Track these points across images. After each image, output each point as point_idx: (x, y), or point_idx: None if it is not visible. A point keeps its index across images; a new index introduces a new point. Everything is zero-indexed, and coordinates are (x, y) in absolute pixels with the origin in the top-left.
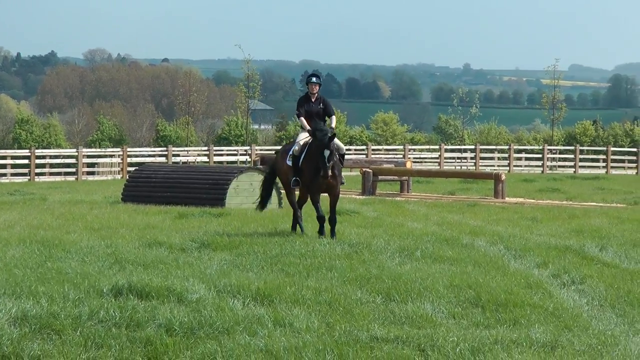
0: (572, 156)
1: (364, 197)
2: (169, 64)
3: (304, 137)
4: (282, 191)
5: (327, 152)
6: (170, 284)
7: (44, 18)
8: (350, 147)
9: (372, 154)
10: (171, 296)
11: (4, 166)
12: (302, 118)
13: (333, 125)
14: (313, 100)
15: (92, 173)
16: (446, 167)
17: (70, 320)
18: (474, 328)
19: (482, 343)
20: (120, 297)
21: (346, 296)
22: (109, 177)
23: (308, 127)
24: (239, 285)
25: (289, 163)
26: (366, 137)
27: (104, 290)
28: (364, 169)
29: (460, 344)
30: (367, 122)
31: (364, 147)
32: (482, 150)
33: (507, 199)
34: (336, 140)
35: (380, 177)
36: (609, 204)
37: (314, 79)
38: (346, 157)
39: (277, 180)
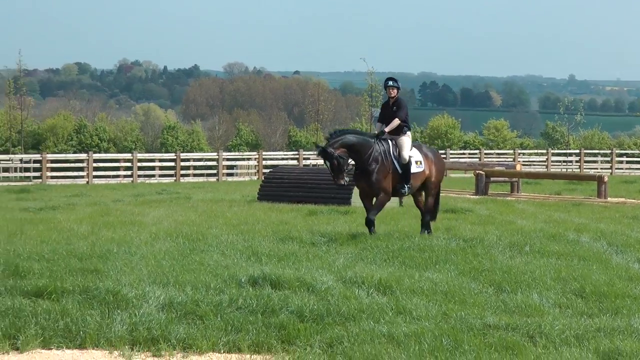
0: None
1: (477, 196)
2: (299, 76)
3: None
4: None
5: (327, 163)
6: (301, 275)
7: (188, 34)
8: (465, 152)
9: (485, 157)
10: (302, 286)
11: (152, 168)
12: (378, 123)
13: (386, 128)
14: (391, 103)
15: (231, 174)
16: (553, 170)
17: (212, 307)
18: (578, 317)
19: (586, 330)
20: (257, 287)
21: (461, 287)
22: (246, 178)
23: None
24: (363, 276)
25: None
26: (479, 142)
27: (242, 280)
28: (477, 171)
29: (565, 331)
30: (480, 129)
31: (476, 151)
32: (586, 154)
33: (609, 198)
34: (404, 151)
35: (492, 179)
36: None
37: (390, 82)
38: (461, 160)
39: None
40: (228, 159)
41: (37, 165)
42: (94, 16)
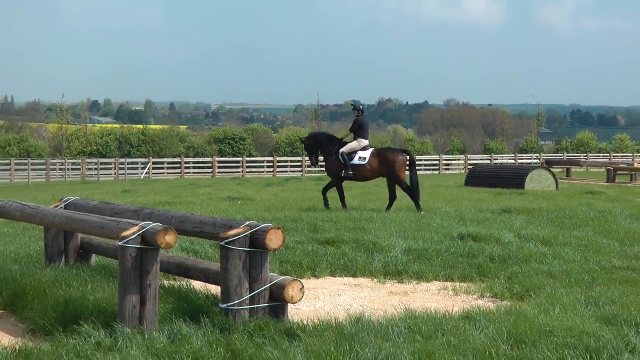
0: None
1: (607, 183)
2: (491, 107)
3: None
4: (559, 180)
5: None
6: (492, 232)
7: (420, 79)
8: (599, 155)
9: (613, 158)
10: (492, 240)
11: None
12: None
13: (339, 135)
14: None
15: (447, 169)
16: None
17: (435, 253)
18: None
19: None
20: (463, 240)
21: (596, 242)
22: (457, 171)
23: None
24: (532, 234)
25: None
26: (609, 149)
27: (454, 236)
28: (607, 167)
29: None
30: (610, 139)
31: (607, 154)
32: None
33: None
34: (341, 149)
35: (617, 172)
36: None
37: (351, 106)
38: (597, 160)
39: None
40: (445, 160)
41: None
42: (363, 67)
